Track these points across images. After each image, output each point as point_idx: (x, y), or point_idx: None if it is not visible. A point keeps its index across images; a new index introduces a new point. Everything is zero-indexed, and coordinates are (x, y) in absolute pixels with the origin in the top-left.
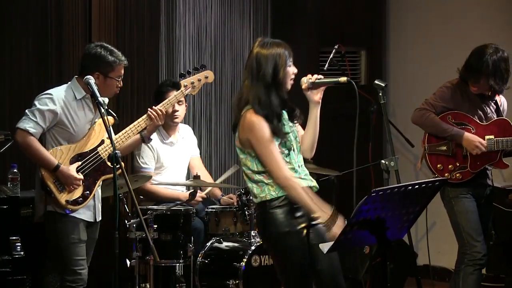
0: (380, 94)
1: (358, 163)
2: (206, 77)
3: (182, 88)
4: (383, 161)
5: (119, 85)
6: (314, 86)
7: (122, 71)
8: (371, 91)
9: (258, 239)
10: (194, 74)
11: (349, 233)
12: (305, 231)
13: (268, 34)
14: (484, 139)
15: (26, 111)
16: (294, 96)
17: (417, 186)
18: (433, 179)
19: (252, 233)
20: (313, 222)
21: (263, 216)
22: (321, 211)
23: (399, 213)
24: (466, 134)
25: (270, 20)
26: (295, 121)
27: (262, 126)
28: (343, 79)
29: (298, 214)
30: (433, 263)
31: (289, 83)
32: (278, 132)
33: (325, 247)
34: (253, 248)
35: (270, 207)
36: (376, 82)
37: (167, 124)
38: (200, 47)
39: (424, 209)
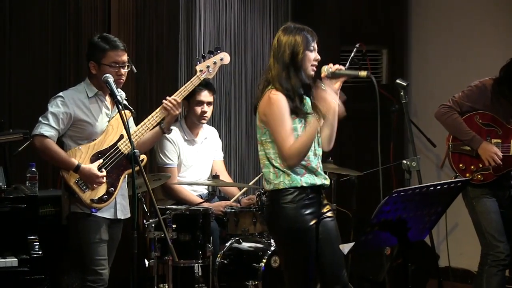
0: (402, 93)
1: (379, 163)
2: (222, 59)
3: (198, 73)
4: (404, 161)
5: (120, 73)
6: (333, 76)
7: (119, 58)
8: (392, 90)
9: None
10: (209, 58)
11: (370, 234)
12: (314, 227)
13: None
14: (510, 143)
15: (40, 117)
16: None
17: (439, 187)
18: (455, 179)
19: None
20: (322, 217)
21: (274, 208)
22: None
23: (420, 214)
24: (484, 143)
25: (291, 19)
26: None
27: (280, 101)
28: (363, 73)
29: (309, 210)
30: (455, 265)
31: (310, 68)
32: (298, 111)
33: (345, 248)
34: (272, 248)
35: (282, 200)
36: (398, 81)
37: (193, 123)
38: (219, 45)
39: (446, 210)
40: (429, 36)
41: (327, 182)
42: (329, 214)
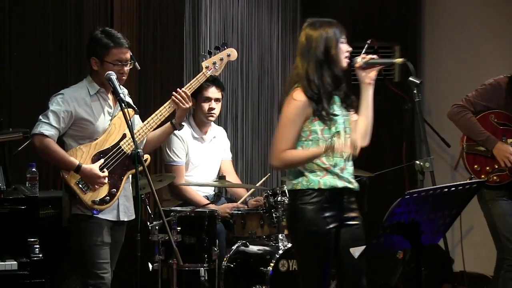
0: (415, 91)
1: (391, 163)
2: (229, 55)
3: (204, 70)
4: (417, 162)
5: (122, 71)
6: (367, 66)
7: (123, 56)
8: (405, 88)
9: (286, 243)
10: (216, 54)
11: (382, 237)
12: (334, 231)
13: (297, 29)
14: None
15: (40, 116)
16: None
17: (453, 188)
18: (470, 181)
19: (280, 236)
20: (346, 222)
21: (293, 208)
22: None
23: (434, 216)
24: (499, 143)
25: (300, 14)
26: (350, 109)
27: (298, 106)
28: (398, 60)
29: (328, 213)
30: (470, 269)
31: (344, 61)
32: (322, 114)
33: (356, 251)
34: (280, 252)
35: (300, 201)
36: (411, 78)
37: (201, 120)
38: (225, 41)
39: (460, 212)
40: (443, 32)
41: (352, 185)
42: (355, 219)
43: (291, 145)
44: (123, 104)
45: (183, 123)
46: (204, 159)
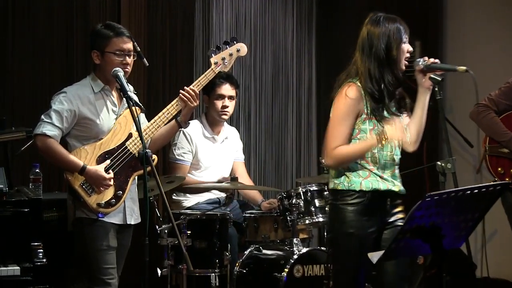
0: (436, 89)
1: (412, 164)
2: (238, 51)
3: (213, 66)
4: (439, 163)
5: (125, 62)
6: (428, 69)
7: (124, 45)
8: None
9: (301, 247)
10: (225, 49)
11: (401, 241)
12: (374, 236)
13: (313, 22)
14: None
15: (42, 115)
16: None
17: (476, 191)
18: (493, 183)
19: (295, 240)
20: (389, 226)
21: (333, 208)
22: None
23: (456, 220)
24: None
25: (316, 8)
26: (403, 111)
27: (348, 104)
28: (461, 68)
29: (369, 217)
30: (494, 275)
31: (404, 62)
32: (375, 113)
33: (374, 256)
34: (295, 257)
35: (341, 201)
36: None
37: (214, 119)
38: (238, 37)
39: (484, 216)
40: (466, 27)
41: (397, 188)
42: (399, 223)
43: (343, 141)
44: (131, 102)
45: (189, 122)
46: (215, 161)
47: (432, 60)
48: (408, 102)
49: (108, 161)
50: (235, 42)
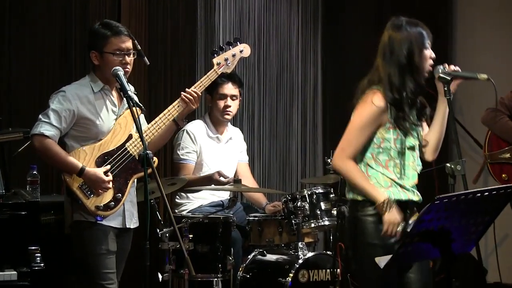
0: (445, 88)
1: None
2: (241, 51)
3: (216, 67)
4: (448, 165)
5: (125, 61)
6: (450, 77)
7: (123, 44)
8: (434, 85)
9: (306, 252)
10: (228, 50)
11: (410, 246)
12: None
13: (319, 20)
14: None
15: (40, 115)
16: None
17: (486, 193)
18: (504, 185)
19: (300, 244)
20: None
21: (354, 220)
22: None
23: (466, 223)
24: None
25: (321, 5)
26: (423, 119)
27: (372, 112)
28: (483, 76)
29: None
30: (506, 281)
31: (427, 68)
32: (401, 123)
33: (381, 261)
34: (300, 261)
35: (361, 212)
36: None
37: (217, 119)
38: (241, 35)
39: (494, 219)
40: (476, 26)
41: (416, 198)
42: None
43: (356, 151)
44: (131, 102)
45: (185, 120)
46: (219, 161)
47: (452, 67)
48: (429, 110)
49: (108, 166)
50: (238, 42)
